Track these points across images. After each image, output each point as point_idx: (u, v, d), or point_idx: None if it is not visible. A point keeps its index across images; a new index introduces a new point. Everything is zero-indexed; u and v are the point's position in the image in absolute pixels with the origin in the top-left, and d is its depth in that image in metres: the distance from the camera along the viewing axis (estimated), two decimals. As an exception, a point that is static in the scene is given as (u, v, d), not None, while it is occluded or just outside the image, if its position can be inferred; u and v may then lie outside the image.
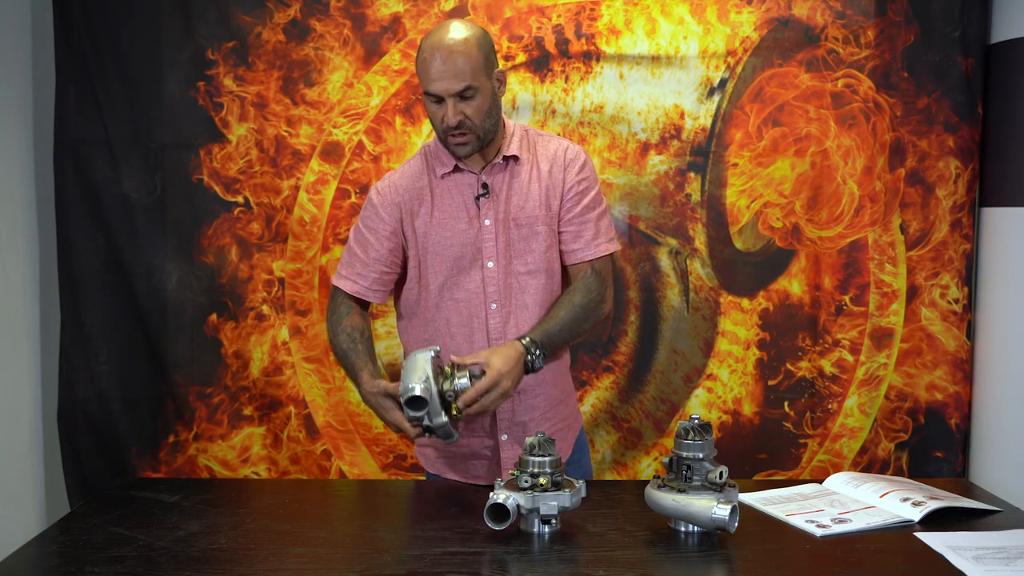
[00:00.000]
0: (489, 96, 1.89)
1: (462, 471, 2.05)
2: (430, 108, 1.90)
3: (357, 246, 2.04)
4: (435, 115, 1.90)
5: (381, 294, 2.05)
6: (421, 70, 1.88)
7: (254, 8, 2.74)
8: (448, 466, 2.07)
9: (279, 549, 1.62)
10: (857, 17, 2.74)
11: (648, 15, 2.75)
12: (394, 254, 2.02)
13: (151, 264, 2.78)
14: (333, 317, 2.04)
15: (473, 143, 1.91)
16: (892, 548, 1.63)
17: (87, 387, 2.80)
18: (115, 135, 2.75)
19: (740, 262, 2.82)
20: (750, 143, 2.78)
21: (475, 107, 1.87)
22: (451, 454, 2.05)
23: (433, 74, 1.85)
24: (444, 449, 2.04)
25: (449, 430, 1.80)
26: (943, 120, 2.74)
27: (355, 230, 2.06)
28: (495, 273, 1.97)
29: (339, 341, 2.00)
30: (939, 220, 2.77)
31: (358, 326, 2.01)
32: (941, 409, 2.80)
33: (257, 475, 2.84)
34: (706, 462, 1.66)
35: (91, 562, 1.55)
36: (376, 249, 2.01)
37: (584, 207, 2.01)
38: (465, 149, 1.91)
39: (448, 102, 1.86)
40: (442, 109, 1.87)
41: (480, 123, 1.88)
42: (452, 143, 1.91)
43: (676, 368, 2.84)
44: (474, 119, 1.87)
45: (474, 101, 1.87)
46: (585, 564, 1.56)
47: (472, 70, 1.85)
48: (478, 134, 1.90)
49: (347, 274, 2.04)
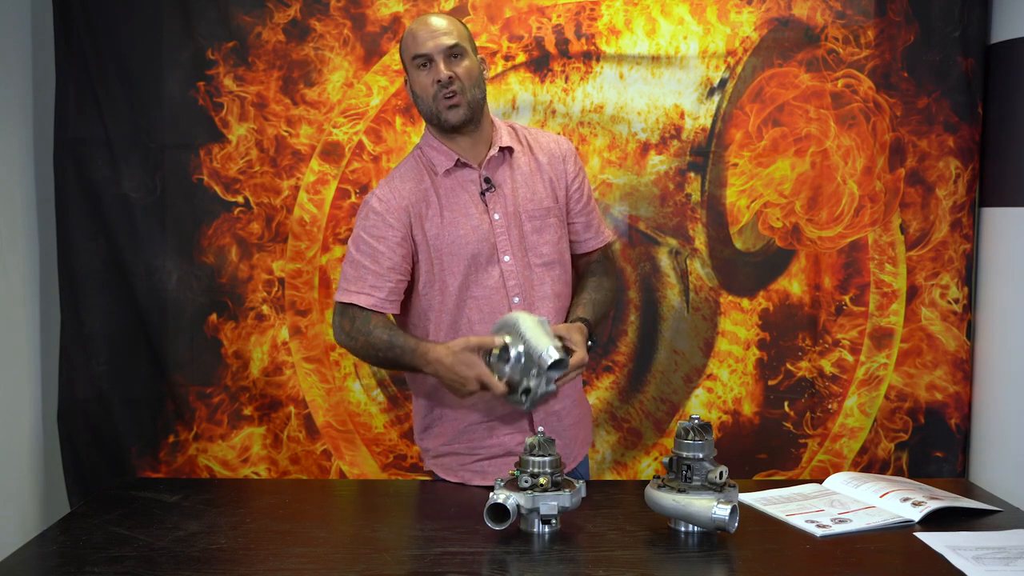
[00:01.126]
0: (476, 66, 1.95)
1: (492, 474, 2.00)
2: (420, 80, 1.93)
3: (365, 258, 1.95)
4: (424, 84, 1.92)
5: (396, 304, 1.99)
6: (408, 42, 1.94)
7: (254, 8, 2.74)
8: (475, 473, 2.02)
9: (279, 549, 1.62)
10: (857, 17, 2.74)
11: (648, 15, 2.75)
12: (407, 260, 1.97)
13: (151, 264, 2.78)
14: (353, 328, 1.96)
15: (464, 107, 1.92)
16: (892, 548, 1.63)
17: (87, 387, 2.80)
18: (115, 135, 2.75)
19: (740, 262, 2.82)
20: (750, 143, 2.78)
21: (465, 68, 1.91)
22: (482, 456, 2.02)
23: (422, 36, 1.92)
24: (475, 453, 2.02)
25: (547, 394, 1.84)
26: (943, 120, 2.74)
27: (357, 243, 1.98)
28: (513, 266, 1.97)
29: (375, 336, 1.94)
30: (939, 220, 2.77)
31: (386, 320, 1.97)
32: (941, 409, 2.80)
33: (257, 475, 2.84)
34: (706, 462, 1.66)
35: (91, 562, 1.55)
36: (389, 258, 1.95)
37: (588, 196, 2.10)
38: (457, 113, 1.92)
39: (438, 59, 1.90)
40: (431, 73, 1.91)
41: (469, 87, 1.92)
42: (444, 107, 1.91)
43: (676, 368, 2.84)
44: (464, 80, 1.91)
45: (463, 62, 1.92)
46: (585, 564, 1.56)
47: (459, 33, 1.93)
48: (468, 99, 1.92)
49: (358, 289, 1.96)
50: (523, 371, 1.81)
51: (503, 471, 1.98)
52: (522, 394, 1.82)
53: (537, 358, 1.79)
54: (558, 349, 1.80)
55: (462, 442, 2.02)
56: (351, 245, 2.00)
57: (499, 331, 1.86)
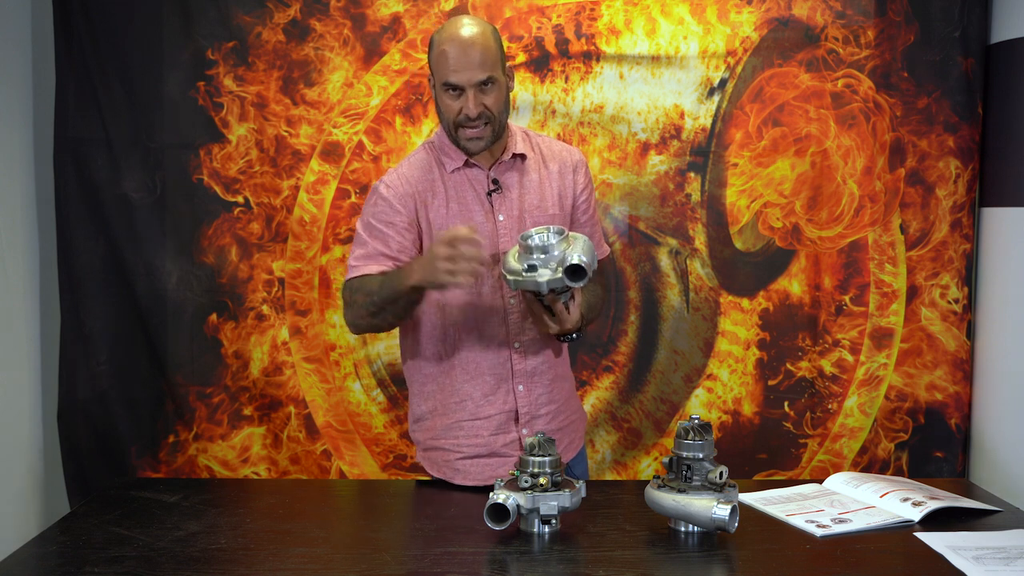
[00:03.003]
0: (505, 90, 1.92)
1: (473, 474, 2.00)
2: (445, 101, 1.90)
3: (375, 241, 1.93)
4: (451, 108, 1.89)
5: None
6: (439, 62, 1.88)
7: (254, 8, 2.74)
8: (456, 471, 2.02)
9: (279, 549, 1.62)
10: (857, 17, 2.74)
11: (648, 15, 2.75)
12: (415, 245, 1.95)
13: (151, 264, 2.78)
14: (355, 294, 1.91)
15: (488, 137, 1.91)
16: (892, 548, 1.63)
17: (87, 387, 2.80)
18: (115, 135, 2.75)
19: (740, 262, 2.82)
20: (750, 143, 2.78)
21: (494, 98, 1.89)
22: (465, 455, 2.01)
23: (455, 64, 1.85)
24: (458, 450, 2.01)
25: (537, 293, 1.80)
26: (943, 120, 2.74)
27: (366, 227, 1.96)
28: None
29: (369, 283, 1.88)
30: (939, 220, 2.77)
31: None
32: (941, 409, 2.80)
33: (257, 475, 2.84)
34: (706, 462, 1.66)
35: (91, 562, 1.55)
36: (398, 241, 1.93)
37: (593, 209, 2.09)
38: (479, 144, 1.91)
39: (469, 92, 1.86)
40: (460, 101, 1.87)
41: (499, 115, 1.90)
42: (466, 136, 1.90)
43: (676, 368, 2.84)
44: (493, 110, 1.89)
45: (494, 91, 1.88)
46: (585, 564, 1.56)
47: (492, 61, 1.87)
48: (495, 127, 1.91)
49: (367, 265, 1.92)
50: (542, 262, 1.76)
51: (483, 472, 1.98)
52: (526, 269, 1.77)
53: (560, 255, 1.75)
54: (582, 258, 1.73)
55: (447, 438, 2.02)
56: (360, 228, 1.98)
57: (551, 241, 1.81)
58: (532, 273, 1.77)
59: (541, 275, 1.76)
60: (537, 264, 1.76)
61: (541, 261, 1.76)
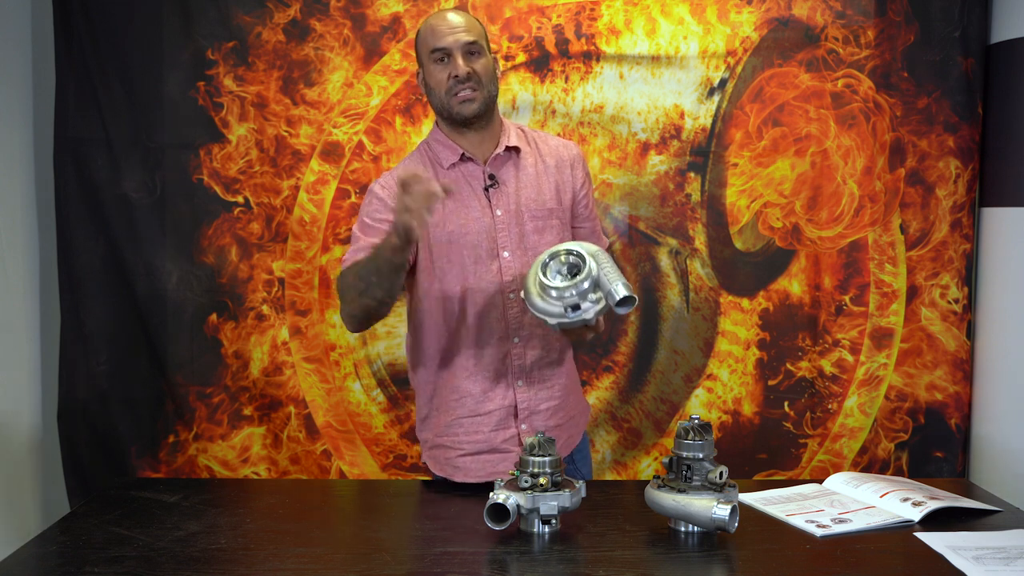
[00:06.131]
0: (491, 64, 1.98)
1: (473, 471, 2.00)
2: (435, 75, 1.94)
3: (369, 236, 1.93)
4: (440, 78, 1.93)
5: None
6: (427, 35, 1.95)
7: (254, 8, 2.74)
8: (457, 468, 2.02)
9: (279, 549, 1.62)
10: (857, 17, 2.74)
11: (648, 15, 2.75)
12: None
13: (151, 264, 2.78)
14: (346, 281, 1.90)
15: (479, 101, 1.93)
16: (892, 548, 1.63)
17: (87, 387, 2.80)
18: (115, 135, 2.75)
19: (740, 262, 2.82)
20: (750, 143, 2.78)
21: (482, 65, 1.94)
22: (465, 452, 2.01)
23: (443, 30, 1.93)
24: (459, 447, 2.02)
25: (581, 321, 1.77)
26: (943, 120, 2.74)
27: (361, 227, 1.97)
28: (511, 263, 1.97)
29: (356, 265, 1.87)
30: (939, 220, 2.77)
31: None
32: (941, 409, 2.80)
33: (257, 475, 2.84)
34: (706, 462, 1.66)
35: (91, 562, 1.55)
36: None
37: (593, 203, 2.12)
38: (472, 106, 1.93)
39: (457, 54, 1.92)
40: (449, 67, 1.92)
41: (486, 83, 1.94)
42: (459, 99, 1.92)
43: (676, 368, 2.84)
44: (482, 77, 1.93)
45: (481, 59, 1.94)
46: (585, 564, 1.56)
47: (477, 31, 1.96)
48: (483, 95, 1.94)
49: (359, 256, 1.91)
50: (581, 294, 1.74)
51: (484, 469, 1.99)
52: (568, 309, 1.74)
53: (607, 289, 1.71)
54: (627, 287, 1.71)
55: (449, 435, 2.02)
56: (356, 229, 1.99)
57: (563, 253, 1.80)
58: (578, 313, 1.75)
59: (586, 311, 1.74)
60: (579, 303, 1.74)
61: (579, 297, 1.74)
